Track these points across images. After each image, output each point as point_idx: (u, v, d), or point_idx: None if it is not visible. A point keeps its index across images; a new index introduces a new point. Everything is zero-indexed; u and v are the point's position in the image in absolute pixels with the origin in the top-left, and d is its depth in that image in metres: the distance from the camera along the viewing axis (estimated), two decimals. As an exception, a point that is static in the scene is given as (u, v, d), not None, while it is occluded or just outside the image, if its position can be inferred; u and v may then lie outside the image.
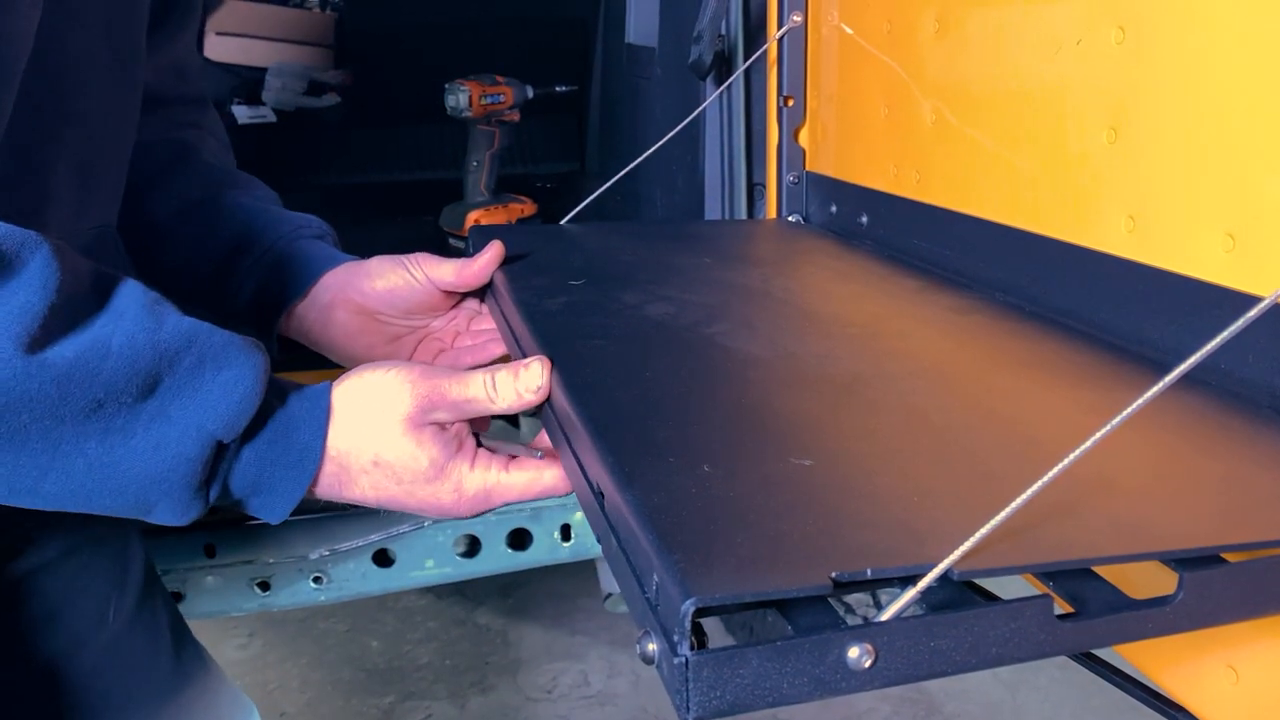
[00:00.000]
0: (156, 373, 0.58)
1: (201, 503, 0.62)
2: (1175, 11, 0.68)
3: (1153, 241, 0.70)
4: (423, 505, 0.67)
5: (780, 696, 0.41)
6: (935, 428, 0.59)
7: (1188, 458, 0.57)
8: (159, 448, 0.59)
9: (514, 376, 0.66)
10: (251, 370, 0.61)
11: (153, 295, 0.61)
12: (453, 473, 0.66)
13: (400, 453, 0.65)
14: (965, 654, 0.42)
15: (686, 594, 0.39)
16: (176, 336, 0.60)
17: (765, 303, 0.86)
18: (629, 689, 2.21)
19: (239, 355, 0.61)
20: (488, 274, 0.87)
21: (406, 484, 0.66)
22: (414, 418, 0.65)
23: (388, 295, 0.87)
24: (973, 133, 0.90)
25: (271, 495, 0.64)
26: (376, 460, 0.65)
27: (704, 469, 0.51)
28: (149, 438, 0.58)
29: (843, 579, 0.41)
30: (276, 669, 2.29)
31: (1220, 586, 0.45)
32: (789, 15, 1.15)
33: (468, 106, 1.64)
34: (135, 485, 0.59)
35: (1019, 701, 2.17)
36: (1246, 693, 0.58)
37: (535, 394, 0.65)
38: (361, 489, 0.66)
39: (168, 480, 0.59)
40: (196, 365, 0.60)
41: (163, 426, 0.59)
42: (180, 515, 0.62)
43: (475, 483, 0.67)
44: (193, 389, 0.59)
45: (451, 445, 0.66)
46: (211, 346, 0.61)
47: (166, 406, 0.59)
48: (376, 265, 0.87)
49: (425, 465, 0.65)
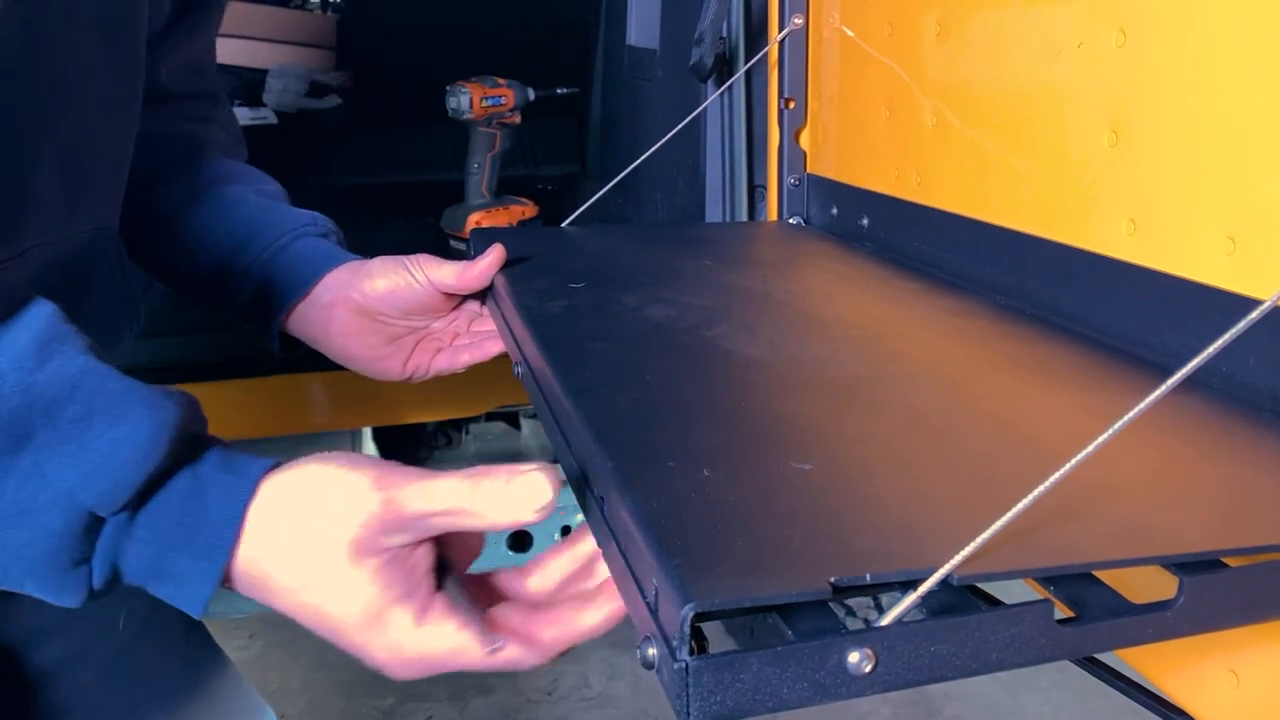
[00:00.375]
0: (28, 422, 0.49)
1: (79, 584, 0.51)
2: (1176, 15, 0.68)
3: (1153, 244, 0.70)
4: (351, 651, 0.54)
5: (780, 701, 0.41)
6: (936, 431, 0.59)
7: (1188, 462, 0.57)
8: (22, 515, 0.49)
9: (505, 483, 0.51)
10: (150, 427, 0.51)
11: (60, 331, 0.52)
12: (390, 624, 0.52)
13: (329, 587, 0.52)
14: (966, 659, 0.42)
15: (686, 599, 0.39)
16: (58, 381, 0.50)
17: (766, 305, 0.86)
18: (629, 691, 2.21)
19: (137, 408, 0.51)
20: (488, 277, 0.86)
21: (328, 627, 0.53)
22: (361, 542, 0.52)
23: (389, 296, 0.85)
24: (974, 135, 0.90)
25: (178, 586, 0.53)
26: (304, 585, 0.53)
27: (704, 473, 0.51)
28: (16, 501, 0.49)
29: (842, 584, 0.41)
30: (277, 670, 2.29)
31: (1221, 591, 0.45)
32: (790, 18, 1.15)
33: (469, 108, 1.64)
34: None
35: (1019, 704, 2.17)
36: (1248, 697, 0.58)
37: (537, 514, 0.51)
38: (284, 608, 0.54)
39: (29, 555, 0.50)
40: (82, 417, 0.50)
41: (35, 488, 0.49)
42: (54, 595, 0.51)
43: (419, 646, 0.53)
44: (76, 445, 0.50)
45: (397, 586, 0.52)
46: (103, 395, 0.51)
47: (42, 465, 0.49)
48: (378, 266, 0.86)
49: (356, 611, 0.52)
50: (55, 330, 0.52)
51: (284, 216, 0.89)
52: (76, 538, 0.50)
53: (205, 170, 0.90)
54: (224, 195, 0.89)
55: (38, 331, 0.51)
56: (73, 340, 0.52)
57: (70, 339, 0.52)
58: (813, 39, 1.16)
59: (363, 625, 0.52)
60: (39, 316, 0.52)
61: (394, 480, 0.53)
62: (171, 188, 0.88)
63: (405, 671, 0.54)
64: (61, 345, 0.51)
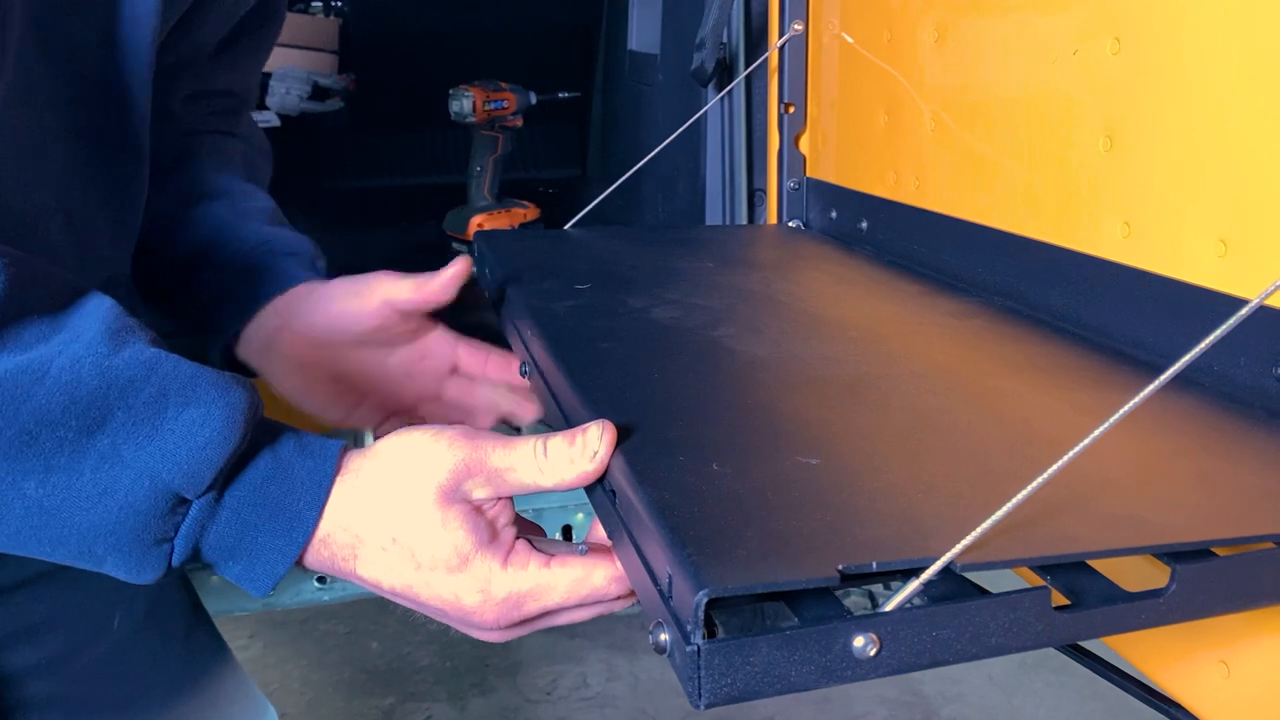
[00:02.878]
0: (105, 405, 0.50)
1: (160, 562, 0.53)
2: (1170, 22, 0.69)
3: (1147, 247, 0.72)
4: (440, 602, 0.55)
5: (789, 684, 0.42)
6: (937, 427, 0.61)
7: (1180, 456, 0.58)
8: (105, 494, 0.50)
9: (568, 443, 0.54)
10: (223, 410, 0.52)
11: (127, 322, 0.54)
12: (480, 568, 0.54)
13: (422, 530, 0.54)
14: (967, 643, 0.44)
15: (700, 585, 0.41)
16: (133, 365, 0.51)
17: (769, 306, 0.87)
18: (627, 691, 2.23)
19: (209, 391, 0.52)
20: (451, 289, 0.75)
21: (425, 570, 0.54)
22: (447, 489, 0.54)
23: (337, 319, 0.76)
24: (972, 140, 0.91)
25: (252, 563, 0.54)
26: (395, 538, 0.54)
27: (713, 467, 0.52)
28: (96, 482, 0.50)
29: (850, 571, 0.42)
30: (277, 670, 2.30)
31: (1211, 579, 0.47)
32: (790, 24, 1.17)
33: (471, 112, 1.66)
34: (77, 535, 0.51)
35: (1015, 705, 2.18)
36: (1237, 685, 0.59)
37: (593, 462, 0.54)
38: (373, 571, 0.55)
39: (114, 534, 0.51)
40: (157, 399, 0.51)
41: (113, 469, 0.50)
42: (134, 573, 0.53)
43: (507, 585, 0.54)
44: (151, 427, 0.51)
45: (483, 532, 0.54)
46: (177, 378, 0.52)
47: (119, 446, 0.50)
48: (333, 286, 0.78)
49: (450, 551, 0.53)
50: (123, 320, 0.53)
51: (248, 234, 0.82)
52: (162, 517, 0.51)
53: (180, 185, 0.84)
54: (191, 211, 0.83)
55: (108, 321, 0.52)
56: (141, 330, 0.54)
57: (138, 329, 0.54)
58: (812, 45, 1.18)
59: (456, 566, 0.53)
60: (102, 308, 0.53)
61: (478, 436, 0.55)
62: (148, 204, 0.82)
63: (494, 613, 0.55)
64: (131, 334, 0.53)
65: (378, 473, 0.55)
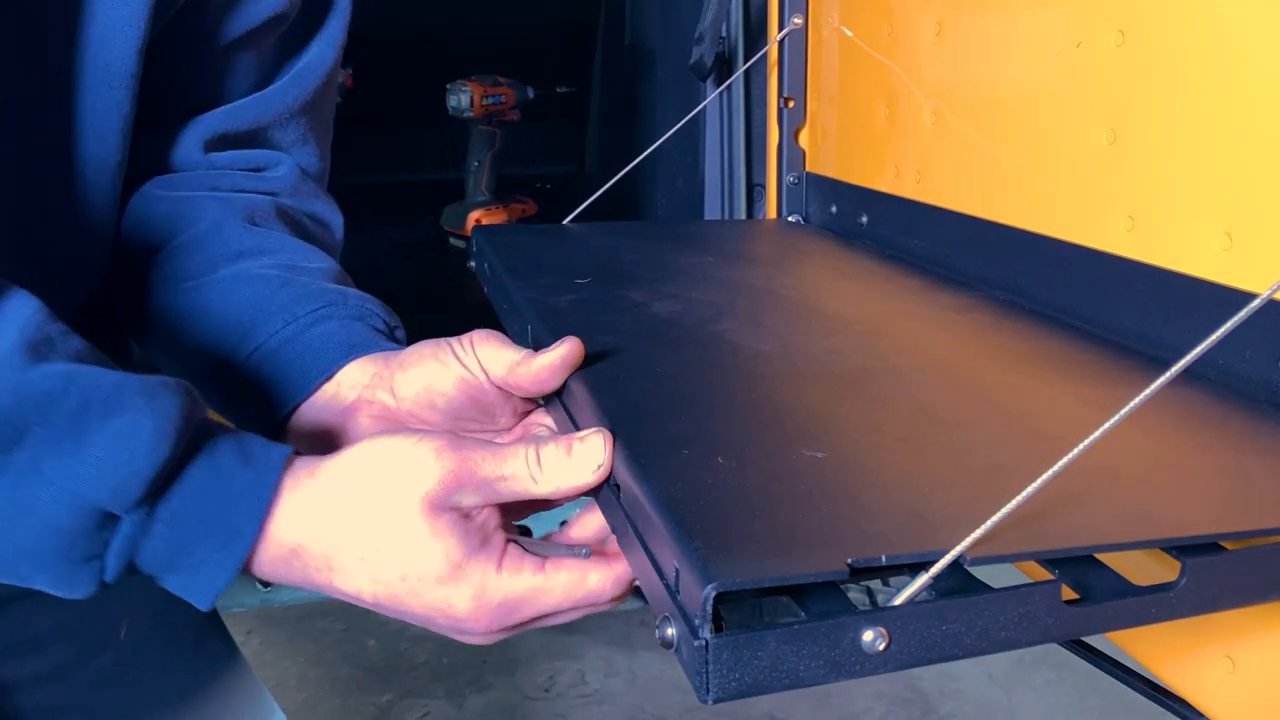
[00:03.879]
0: (21, 421, 0.47)
1: (91, 579, 0.50)
2: (1174, 15, 0.69)
3: (1152, 240, 0.72)
4: (430, 610, 0.52)
5: (796, 679, 0.42)
6: (942, 421, 0.60)
7: (1188, 450, 0.58)
8: (26, 513, 0.47)
9: (566, 452, 0.53)
10: (151, 419, 0.48)
11: (51, 329, 0.50)
12: (473, 574, 0.52)
13: (409, 541, 0.51)
14: (976, 638, 0.43)
15: (709, 579, 0.41)
16: (50, 377, 0.48)
17: (770, 301, 0.87)
18: (626, 688, 2.22)
19: (134, 399, 0.48)
20: (556, 377, 0.62)
21: (413, 580, 0.51)
22: (434, 499, 0.51)
23: (424, 395, 0.63)
24: (973, 134, 0.91)
25: (191, 577, 0.51)
26: (378, 548, 0.51)
27: (719, 461, 0.52)
28: (14, 500, 0.47)
29: (859, 565, 0.42)
30: (274, 667, 2.29)
31: (1221, 573, 0.47)
32: (790, 18, 1.17)
33: (469, 107, 1.66)
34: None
35: (1014, 701, 2.18)
36: (1243, 681, 0.59)
37: (594, 474, 0.52)
38: (352, 582, 0.52)
39: (38, 553, 0.48)
40: (78, 412, 0.48)
41: (33, 487, 0.47)
42: (65, 590, 0.50)
43: (502, 591, 0.52)
44: (74, 442, 0.47)
45: (473, 538, 0.52)
46: (99, 389, 0.48)
47: (40, 461, 0.47)
48: (414, 353, 0.64)
49: (439, 561, 0.51)
50: (45, 329, 0.50)
51: (303, 294, 0.68)
52: (88, 534, 0.48)
53: (211, 249, 0.71)
54: (223, 278, 0.69)
55: (26, 331, 0.49)
56: (64, 338, 0.50)
57: (60, 337, 0.50)
58: (812, 39, 1.18)
59: (446, 576, 0.51)
60: (25, 314, 0.50)
61: (465, 445, 0.53)
62: (163, 278, 0.71)
63: (487, 620, 0.53)
64: (51, 344, 0.49)
65: (352, 480, 0.52)
